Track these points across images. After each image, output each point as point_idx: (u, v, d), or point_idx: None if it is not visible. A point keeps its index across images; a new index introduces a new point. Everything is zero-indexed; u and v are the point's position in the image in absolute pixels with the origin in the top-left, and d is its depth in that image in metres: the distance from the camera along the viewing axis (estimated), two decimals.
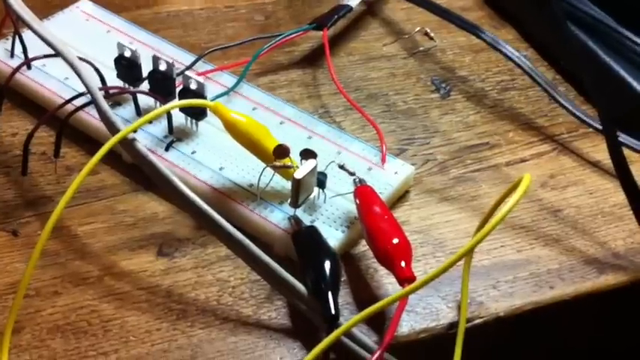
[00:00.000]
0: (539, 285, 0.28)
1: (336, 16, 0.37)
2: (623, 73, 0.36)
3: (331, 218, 0.29)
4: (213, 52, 0.35)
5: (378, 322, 0.27)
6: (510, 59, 0.37)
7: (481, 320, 0.27)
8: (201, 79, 0.31)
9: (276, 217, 0.29)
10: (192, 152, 0.31)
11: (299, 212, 0.29)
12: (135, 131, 0.27)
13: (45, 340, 0.25)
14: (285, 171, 0.29)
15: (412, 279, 0.26)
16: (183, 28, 0.39)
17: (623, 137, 0.33)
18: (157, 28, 0.38)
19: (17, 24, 0.33)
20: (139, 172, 0.28)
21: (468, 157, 0.34)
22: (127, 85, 0.33)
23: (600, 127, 0.33)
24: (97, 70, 0.32)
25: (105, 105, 0.28)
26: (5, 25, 0.35)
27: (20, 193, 0.30)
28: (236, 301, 0.27)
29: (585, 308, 0.29)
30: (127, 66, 0.32)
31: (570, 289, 0.28)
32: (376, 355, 0.24)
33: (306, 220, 0.29)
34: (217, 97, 0.33)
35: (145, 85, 0.33)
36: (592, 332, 0.32)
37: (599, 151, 0.34)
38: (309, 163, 0.28)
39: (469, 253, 0.27)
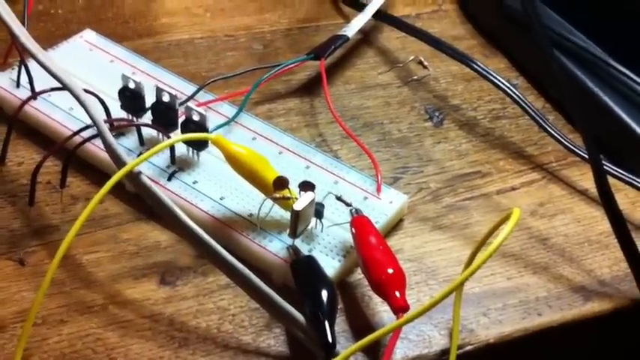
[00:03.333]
0: (527, 312, 0.30)
1: (333, 47, 0.38)
2: (609, 101, 0.37)
3: (328, 247, 0.30)
4: (214, 82, 0.36)
5: (373, 350, 0.28)
6: (500, 88, 0.38)
7: (472, 347, 0.28)
8: (202, 110, 0.32)
9: (275, 247, 0.30)
10: (194, 182, 0.32)
11: (297, 242, 0.30)
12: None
13: None
14: (284, 202, 0.30)
15: (406, 308, 0.27)
16: (184, 57, 0.40)
17: (608, 166, 0.34)
18: (158, 57, 0.39)
19: (23, 54, 0.34)
20: (141, 201, 0.29)
21: (461, 186, 0.35)
22: (130, 116, 0.34)
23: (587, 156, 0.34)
24: (101, 101, 0.33)
25: (111, 138, 0.29)
26: (11, 55, 0.36)
27: (27, 223, 0.31)
28: (236, 329, 0.28)
29: (572, 334, 0.30)
30: (131, 97, 0.33)
31: (557, 317, 0.30)
32: None
33: (304, 249, 0.30)
34: (218, 127, 0.34)
35: (148, 116, 0.34)
36: (579, 357, 0.33)
37: (587, 180, 0.35)
38: (308, 196, 0.29)
39: (460, 287, 0.28)
